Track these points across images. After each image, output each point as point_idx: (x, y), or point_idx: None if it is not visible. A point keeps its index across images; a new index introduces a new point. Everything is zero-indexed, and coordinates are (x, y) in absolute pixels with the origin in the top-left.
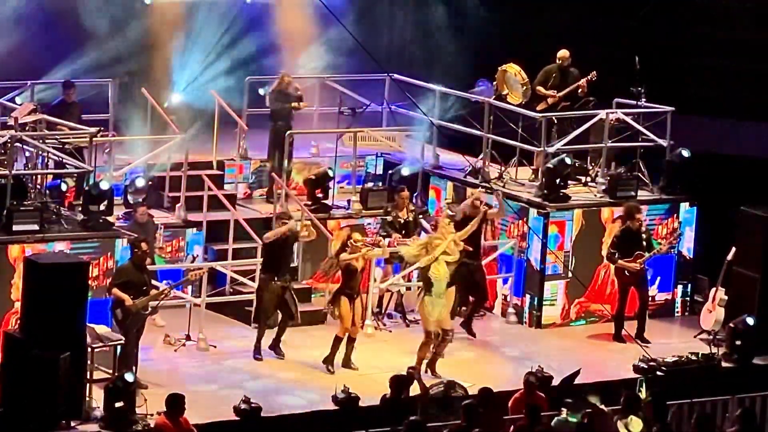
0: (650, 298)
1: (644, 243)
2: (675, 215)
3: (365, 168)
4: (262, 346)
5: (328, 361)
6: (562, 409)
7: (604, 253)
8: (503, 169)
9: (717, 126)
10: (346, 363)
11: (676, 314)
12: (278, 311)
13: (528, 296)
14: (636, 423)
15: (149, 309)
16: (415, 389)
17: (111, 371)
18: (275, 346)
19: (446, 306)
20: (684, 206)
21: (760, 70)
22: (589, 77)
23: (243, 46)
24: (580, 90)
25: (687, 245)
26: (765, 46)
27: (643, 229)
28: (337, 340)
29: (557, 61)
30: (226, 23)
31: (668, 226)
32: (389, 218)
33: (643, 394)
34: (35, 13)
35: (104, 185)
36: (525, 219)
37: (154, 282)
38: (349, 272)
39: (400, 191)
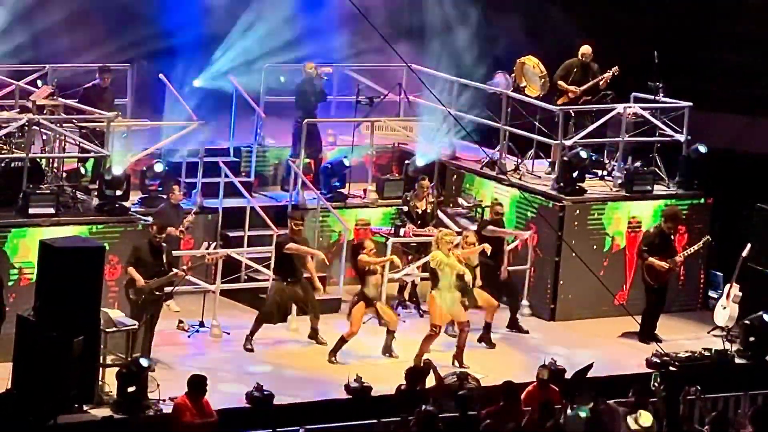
0: None
1: (674, 249)
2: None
3: None
4: (253, 339)
5: (332, 354)
6: (566, 402)
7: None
8: (520, 161)
9: (734, 122)
10: (387, 351)
11: None
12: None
13: None
14: (646, 417)
15: (163, 291)
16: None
17: (124, 356)
18: (313, 337)
19: (457, 298)
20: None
21: None
22: (612, 72)
23: (263, 32)
24: (602, 82)
25: None
26: None
27: (675, 237)
28: (341, 341)
29: (580, 57)
30: (247, 9)
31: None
32: (406, 208)
33: (657, 389)
34: None
35: (117, 170)
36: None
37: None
38: (365, 273)
39: (421, 180)
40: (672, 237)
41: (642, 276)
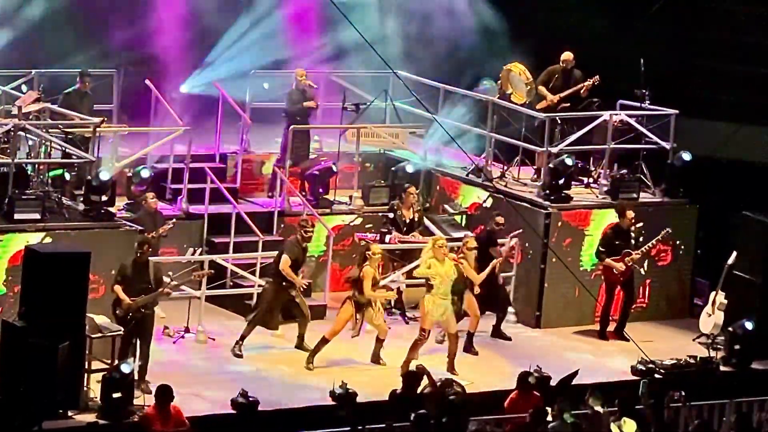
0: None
1: (633, 242)
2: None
3: None
4: (245, 344)
5: (309, 360)
6: (554, 406)
7: None
8: (506, 168)
9: (720, 129)
10: (375, 359)
11: None
12: (281, 314)
13: None
14: (629, 425)
15: (151, 309)
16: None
17: (110, 362)
18: (299, 345)
19: (447, 307)
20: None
21: (764, 74)
22: (592, 81)
23: (248, 38)
24: (583, 90)
25: None
26: None
27: (634, 228)
28: (323, 341)
29: (561, 63)
30: (233, 14)
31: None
32: (392, 215)
33: (645, 396)
34: (42, 3)
35: (104, 175)
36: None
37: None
38: (358, 282)
39: (408, 189)
40: (630, 231)
41: (603, 276)
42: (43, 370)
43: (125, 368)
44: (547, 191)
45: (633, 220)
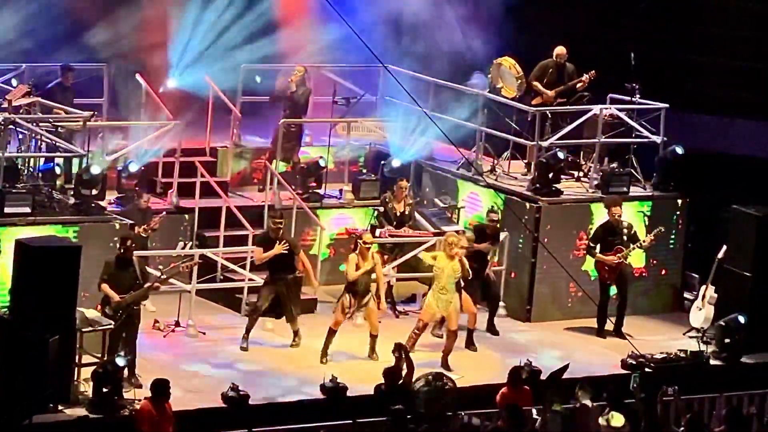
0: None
1: (625, 237)
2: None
3: None
4: (249, 337)
5: (323, 353)
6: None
7: None
8: (496, 162)
9: (710, 123)
10: (370, 354)
11: None
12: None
13: None
14: (617, 418)
15: (140, 305)
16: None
17: (100, 356)
18: (296, 340)
19: (450, 302)
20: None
21: (754, 68)
22: (588, 76)
23: (240, 31)
24: (579, 85)
25: None
26: (760, 44)
27: (625, 223)
28: (330, 333)
29: (554, 58)
30: (223, 8)
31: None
32: (383, 209)
33: (636, 390)
34: None
35: (96, 169)
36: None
37: (150, 270)
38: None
39: (399, 181)
40: (620, 226)
41: (597, 272)
42: (33, 364)
43: (120, 361)
44: (537, 185)
45: (619, 216)
